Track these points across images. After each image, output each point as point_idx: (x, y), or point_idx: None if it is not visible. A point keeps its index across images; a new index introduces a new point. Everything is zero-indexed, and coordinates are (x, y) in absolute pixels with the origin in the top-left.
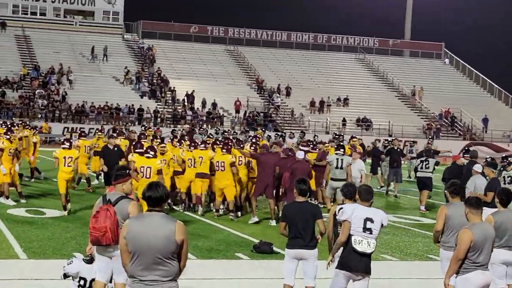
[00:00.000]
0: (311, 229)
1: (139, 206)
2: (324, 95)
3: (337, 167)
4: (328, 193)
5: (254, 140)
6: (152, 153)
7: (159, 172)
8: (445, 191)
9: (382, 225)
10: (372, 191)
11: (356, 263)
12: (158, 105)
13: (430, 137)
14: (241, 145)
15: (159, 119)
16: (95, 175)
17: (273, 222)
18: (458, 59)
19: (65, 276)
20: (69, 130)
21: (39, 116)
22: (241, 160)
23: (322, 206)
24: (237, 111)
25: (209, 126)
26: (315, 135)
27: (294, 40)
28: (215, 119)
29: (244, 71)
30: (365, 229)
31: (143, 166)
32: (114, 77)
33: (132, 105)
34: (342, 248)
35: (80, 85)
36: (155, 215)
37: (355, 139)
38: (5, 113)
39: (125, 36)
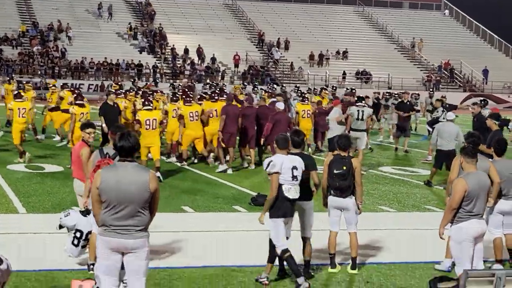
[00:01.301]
0: (306, 180)
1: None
2: (323, 49)
3: (358, 119)
4: None
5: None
6: (153, 105)
7: (161, 122)
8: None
9: (302, 169)
10: (288, 138)
11: (288, 209)
12: (157, 60)
13: (430, 89)
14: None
15: (158, 74)
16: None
17: (221, 168)
18: (458, 10)
19: (61, 227)
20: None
21: (39, 72)
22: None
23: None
24: (236, 65)
25: (209, 80)
26: (309, 88)
27: None
28: (214, 74)
29: (242, 25)
30: (293, 177)
31: (148, 119)
32: (114, 33)
33: (132, 60)
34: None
35: (79, 42)
36: (128, 165)
37: (326, 91)
38: (5, 70)
39: None
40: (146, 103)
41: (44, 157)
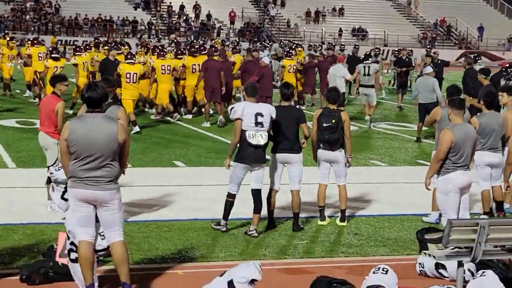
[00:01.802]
0: (295, 133)
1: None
2: (319, 6)
3: (365, 74)
4: (361, 99)
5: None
6: (134, 59)
7: (142, 76)
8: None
9: (271, 117)
10: (256, 87)
11: (252, 155)
12: (152, 17)
13: (428, 46)
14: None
15: (153, 31)
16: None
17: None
18: None
19: (49, 181)
20: (62, 42)
21: (32, 29)
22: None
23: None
24: (232, 22)
25: (205, 38)
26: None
27: None
28: (210, 30)
29: None
30: (256, 123)
31: (129, 72)
32: None
33: (126, 17)
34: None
35: None
36: (97, 116)
37: (299, 48)
38: None
39: None
40: (128, 57)
41: (34, 113)
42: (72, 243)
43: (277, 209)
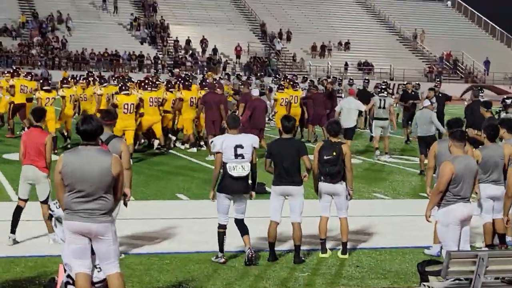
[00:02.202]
0: (297, 165)
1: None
2: (325, 40)
3: (380, 107)
4: (375, 132)
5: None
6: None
7: (137, 106)
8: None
9: (254, 147)
10: (237, 119)
11: (234, 186)
12: (158, 51)
13: (437, 81)
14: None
15: (159, 65)
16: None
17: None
18: (460, 1)
19: (51, 216)
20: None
21: (39, 63)
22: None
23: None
24: (238, 57)
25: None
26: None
27: None
28: (216, 65)
29: (244, 16)
30: (236, 155)
31: (127, 103)
32: (115, 24)
33: (133, 51)
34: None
35: (80, 32)
36: (91, 148)
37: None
38: (5, 61)
39: None
40: (124, 88)
41: None
42: (68, 276)
43: (278, 242)
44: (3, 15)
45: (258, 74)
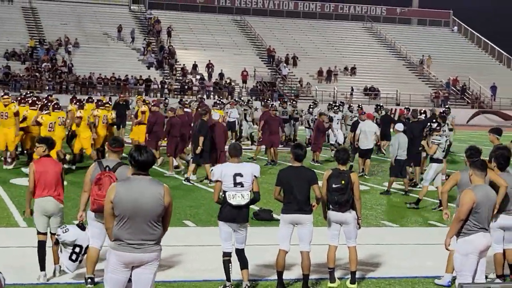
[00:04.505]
0: (307, 194)
1: None
2: (331, 65)
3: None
4: None
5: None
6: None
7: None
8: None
9: (255, 176)
10: (240, 147)
11: (233, 215)
12: (165, 75)
13: (446, 106)
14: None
15: (166, 90)
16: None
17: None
18: (466, 26)
19: (57, 242)
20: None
21: (47, 88)
22: None
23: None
24: (244, 81)
25: (218, 96)
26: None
27: (301, 9)
28: (222, 90)
29: (251, 41)
30: (235, 184)
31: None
32: (122, 48)
33: (140, 76)
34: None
35: (87, 57)
36: (143, 178)
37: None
38: (13, 85)
39: (131, 7)
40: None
41: None
42: None
43: (286, 270)
44: (12, 39)
45: (284, 99)
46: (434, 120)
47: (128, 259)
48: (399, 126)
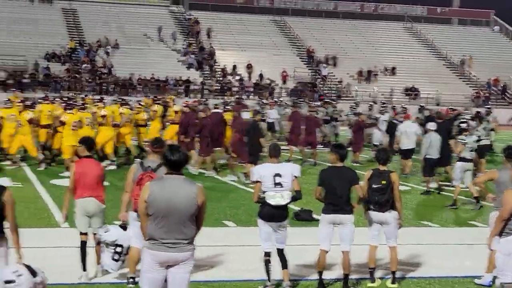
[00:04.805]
0: (348, 194)
1: None
2: (371, 65)
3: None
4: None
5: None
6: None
7: None
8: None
9: (295, 176)
10: (279, 148)
11: (273, 214)
12: (205, 76)
13: (487, 106)
14: None
15: (206, 91)
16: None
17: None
18: (508, 26)
19: (99, 242)
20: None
21: (86, 89)
22: None
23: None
24: (284, 82)
25: (258, 96)
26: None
27: (340, 10)
28: (262, 90)
29: (290, 42)
30: (275, 184)
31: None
32: (162, 49)
33: (180, 77)
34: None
35: (127, 58)
36: (176, 178)
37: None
38: (53, 86)
39: (171, 8)
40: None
41: None
42: None
43: (327, 270)
44: (52, 41)
45: (326, 100)
46: (463, 121)
47: (163, 258)
48: (431, 125)
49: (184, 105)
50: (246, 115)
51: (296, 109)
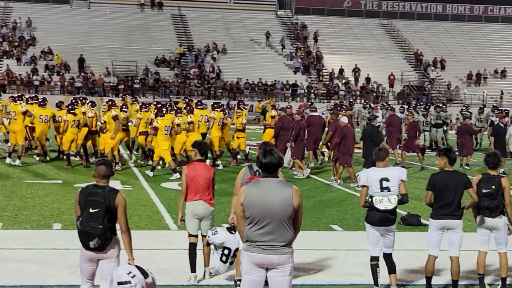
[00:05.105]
0: (459, 198)
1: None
2: (481, 68)
3: None
4: None
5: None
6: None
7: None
8: None
9: (402, 180)
10: (386, 152)
11: (380, 219)
12: (312, 80)
13: None
14: None
15: (312, 95)
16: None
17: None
18: None
19: (208, 244)
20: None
21: (195, 93)
22: None
23: None
24: (391, 85)
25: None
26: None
27: (449, 12)
28: (369, 94)
29: (398, 45)
30: (382, 188)
31: (166, 125)
32: (269, 54)
33: (287, 81)
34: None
35: (235, 63)
36: (272, 180)
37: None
38: (163, 91)
39: (278, 12)
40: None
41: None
42: None
43: (435, 276)
44: (161, 46)
45: (439, 104)
46: None
47: (259, 260)
48: None
49: (280, 109)
50: (344, 120)
51: (394, 113)
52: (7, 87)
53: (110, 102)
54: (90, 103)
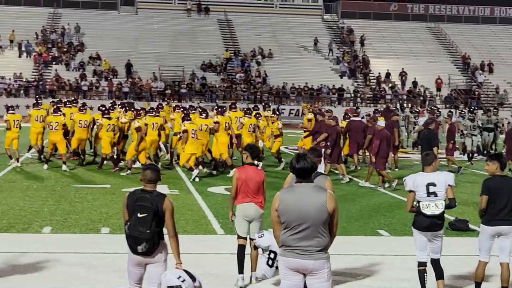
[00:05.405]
0: (511, 204)
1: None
2: None
3: None
4: None
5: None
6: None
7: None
8: None
9: (449, 185)
10: (433, 156)
11: (428, 224)
12: (358, 84)
13: None
14: None
15: (358, 99)
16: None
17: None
18: None
19: (255, 247)
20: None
21: (241, 98)
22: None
23: None
24: (438, 89)
25: (409, 104)
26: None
27: (497, 15)
28: (416, 98)
29: (445, 48)
30: (429, 193)
31: (193, 128)
32: (316, 58)
33: (333, 85)
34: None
35: (281, 67)
36: (306, 185)
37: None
38: (209, 96)
39: (324, 16)
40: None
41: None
42: None
43: (485, 282)
44: (208, 51)
45: (488, 108)
46: None
47: (293, 265)
48: None
49: (318, 113)
50: (382, 123)
51: (433, 117)
52: (57, 92)
53: (135, 112)
54: (124, 109)
